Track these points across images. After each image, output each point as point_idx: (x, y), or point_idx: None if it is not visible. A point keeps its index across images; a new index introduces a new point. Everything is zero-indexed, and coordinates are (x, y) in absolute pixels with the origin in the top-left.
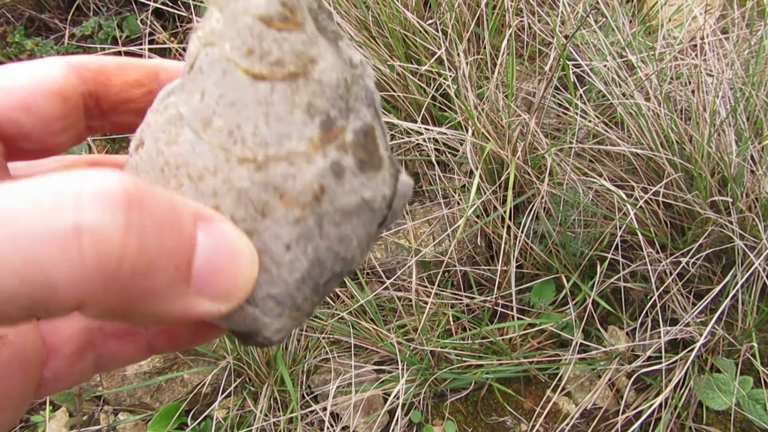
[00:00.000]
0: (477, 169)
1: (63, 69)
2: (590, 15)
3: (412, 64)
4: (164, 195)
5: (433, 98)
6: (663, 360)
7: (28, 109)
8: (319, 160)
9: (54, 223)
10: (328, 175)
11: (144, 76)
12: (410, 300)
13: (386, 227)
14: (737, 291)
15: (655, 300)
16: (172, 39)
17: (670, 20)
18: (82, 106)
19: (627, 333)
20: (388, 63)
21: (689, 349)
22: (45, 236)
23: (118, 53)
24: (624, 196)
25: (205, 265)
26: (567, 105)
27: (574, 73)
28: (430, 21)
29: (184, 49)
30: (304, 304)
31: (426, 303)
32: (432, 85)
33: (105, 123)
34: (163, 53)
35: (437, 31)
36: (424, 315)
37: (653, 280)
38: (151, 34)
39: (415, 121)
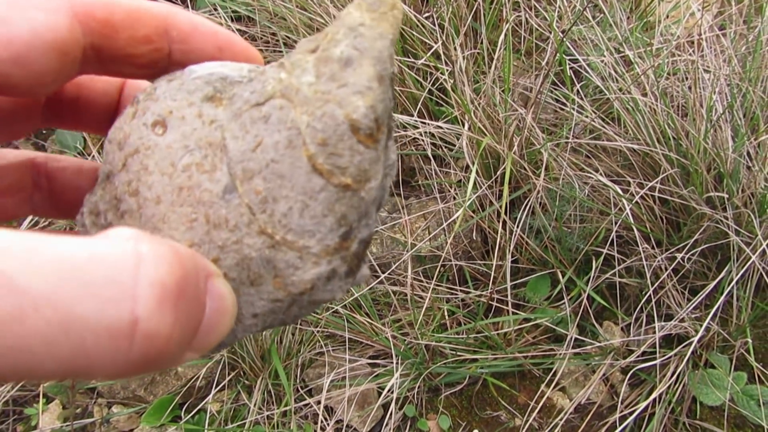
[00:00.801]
0: (473, 163)
1: (67, 19)
2: (587, 9)
3: (408, 57)
4: (196, 269)
5: (430, 92)
6: (657, 355)
7: (22, 64)
8: (323, 264)
9: (110, 316)
10: (323, 278)
11: (153, 32)
12: (405, 294)
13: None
14: (732, 287)
15: (650, 295)
16: None
17: (667, 17)
18: (80, 59)
19: (622, 328)
20: None
21: (684, 344)
22: (99, 328)
23: None
24: (620, 191)
25: (205, 328)
26: (564, 101)
27: (571, 68)
28: (426, 14)
29: None
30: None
31: (421, 297)
32: (429, 79)
33: (100, 71)
34: None
35: (434, 25)
36: (420, 309)
37: (648, 276)
38: None
39: (412, 116)
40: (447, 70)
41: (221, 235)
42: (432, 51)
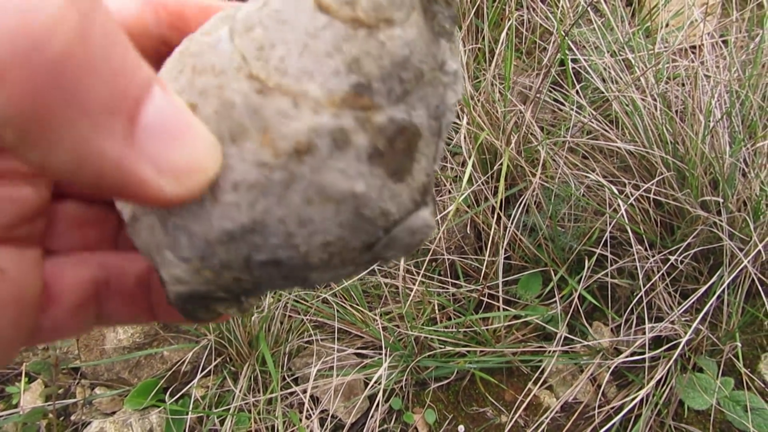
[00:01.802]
0: (470, 157)
1: (139, 4)
2: (590, 8)
3: None
4: (122, 33)
5: None
6: (646, 356)
7: None
8: (325, 116)
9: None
10: (326, 138)
11: None
12: (396, 287)
13: (378, 261)
14: (723, 291)
15: (641, 297)
16: None
17: (668, 24)
18: (152, 52)
19: (611, 329)
20: None
21: (671, 344)
22: None
23: None
24: (616, 191)
25: (153, 123)
26: (562, 101)
27: (572, 69)
28: None
29: None
30: (222, 272)
31: (412, 290)
32: None
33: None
34: None
35: None
36: (409, 299)
37: (640, 277)
38: None
39: None
40: None
41: (205, 79)
42: None
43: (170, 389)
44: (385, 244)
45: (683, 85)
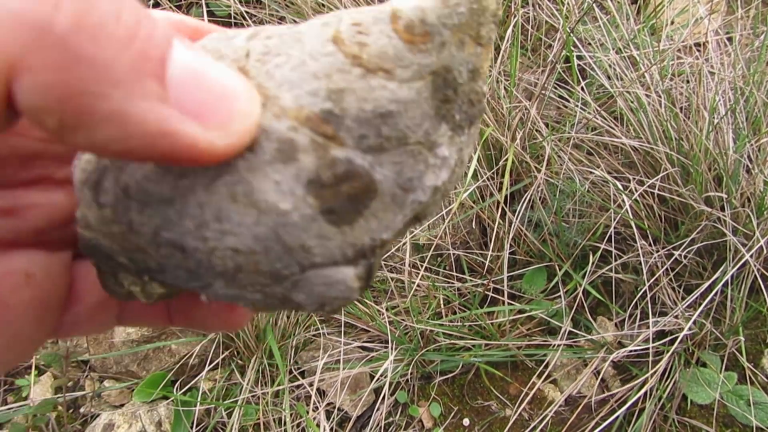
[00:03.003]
0: (475, 152)
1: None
2: (595, 5)
3: None
4: None
5: None
6: (650, 348)
7: None
8: (284, 124)
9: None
10: (273, 143)
11: None
12: (402, 281)
13: (288, 306)
14: (727, 285)
15: (645, 292)
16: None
17: (673, 22)
18: None
19: (616, 324)
20: None
21: (671, 338)
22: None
23: None
24: (620, 187)
25: (183, 79)
26: (568, 98)
27: (577, 66)
28: None
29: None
30: (129, 235)
31: (418, 286)
32: None
33: None
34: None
35: None
36: (412, 293)
37: (644, 273)
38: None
39: None
40: None
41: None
42: None
43: (178, 382)
44: (295, 283)
45: (688, 81)
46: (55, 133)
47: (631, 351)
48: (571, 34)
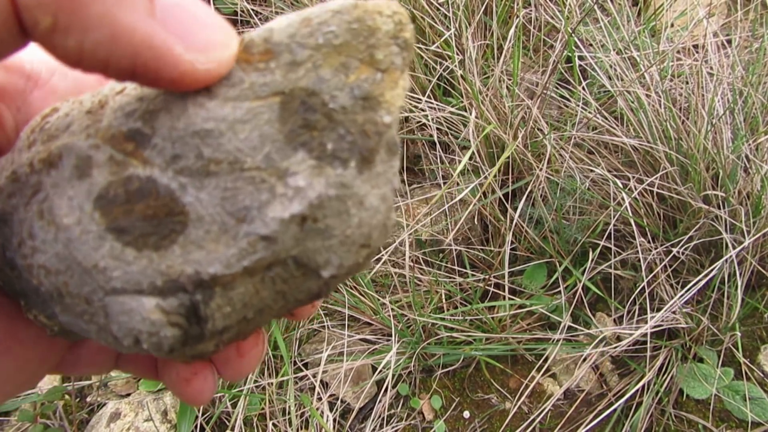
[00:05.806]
0: (478, 150)
1: None
2: (596, 7)
3: (417, 44)
4: None
5: (439, 78)
6: (648, 343)
7: None
8: (88, 141)
9: None
10: (72, 159)
11: None
12: (405, 276)
13: (110, 342)
14: (724, 281)
15: (643, 288)
16: None
17: (673, 24)
18: None
19: (614, 319)
20: None
21: (670, 331)
22: None
23: None
24: (620, 185)
25: (169, 4)
26: (569, 97)
27: (578, 66)
28: (440, 0)
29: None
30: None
31: (420, 281)
32: (438, 68)
33: None
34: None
35: (448, 12)
36: (415, 288)
37: (643, 269)
38: None
39: (420, 101)
40: (457, 58)
41: None
42: (443, 38)
43: None
44: (104, 309)
45: (687, 82)
46: (48, 36)
47: (629, 346)
48: (573, 35)
